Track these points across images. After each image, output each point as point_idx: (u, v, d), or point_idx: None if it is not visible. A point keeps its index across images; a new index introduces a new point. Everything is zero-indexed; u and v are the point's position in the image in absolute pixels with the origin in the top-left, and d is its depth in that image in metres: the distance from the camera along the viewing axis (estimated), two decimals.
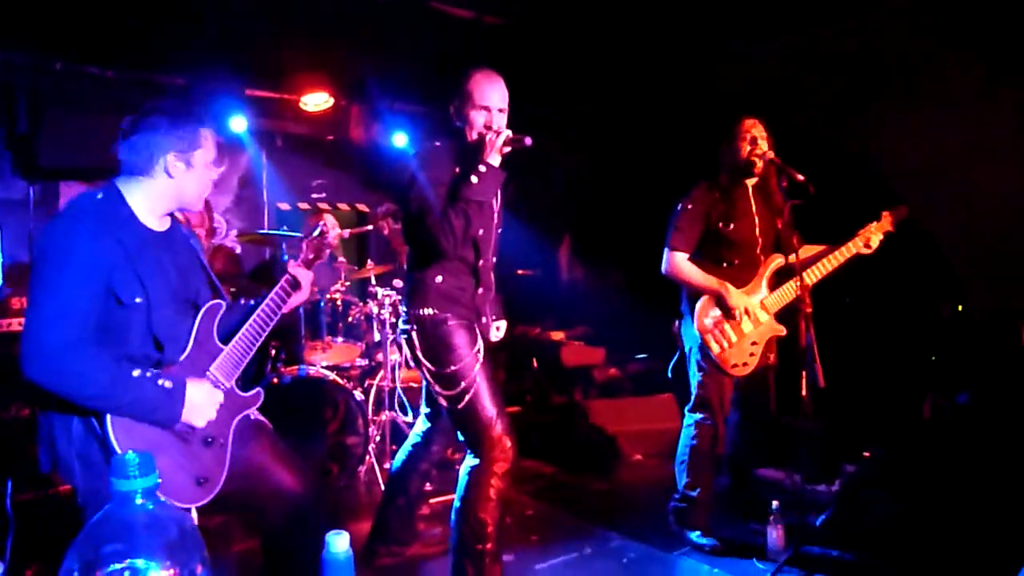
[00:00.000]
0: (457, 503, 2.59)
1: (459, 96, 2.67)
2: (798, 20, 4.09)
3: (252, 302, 2.25)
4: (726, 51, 4.56)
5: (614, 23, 4.31)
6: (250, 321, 2.13)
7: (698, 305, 3.16)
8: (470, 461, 2.60)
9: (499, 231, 2.80)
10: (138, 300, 1.86)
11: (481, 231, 2.62)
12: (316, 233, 2.42)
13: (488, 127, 2.61)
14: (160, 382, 1.84)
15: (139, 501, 0.94)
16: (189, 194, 2.01)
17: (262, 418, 2.26)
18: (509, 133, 2.55)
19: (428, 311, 2.61)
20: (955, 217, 3.93)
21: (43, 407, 1.88)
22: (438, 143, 2.71)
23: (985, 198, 3.68)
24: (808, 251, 3.33)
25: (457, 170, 2.60)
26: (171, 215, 2.09)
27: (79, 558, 0.89)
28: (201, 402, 1.92)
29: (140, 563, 0.91)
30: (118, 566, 0.90)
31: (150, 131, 1.90)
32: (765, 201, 3.24)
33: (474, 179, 2.49)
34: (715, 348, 3.13)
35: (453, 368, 2.56)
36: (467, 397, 2.55)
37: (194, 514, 1.90)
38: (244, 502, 2.16)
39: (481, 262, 2.68)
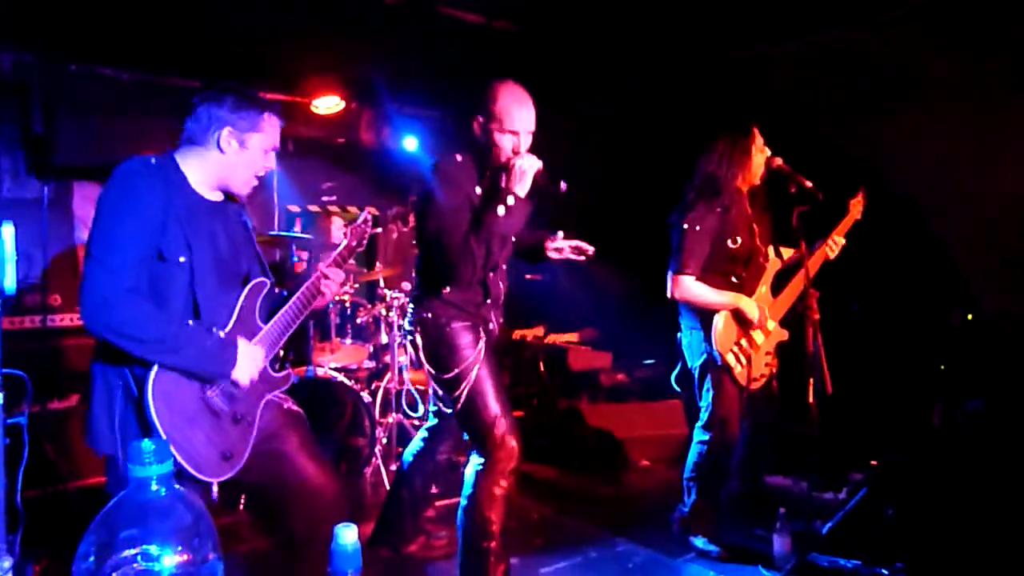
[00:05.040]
0: (463, 502, 2.61)
1: (484, 112, 2.50)
2: (805, 24, 4.09)
3: (285, 292, 2.29)
4: (732, 55, 4.57)
5: (623, 27, 4.32)
6: (286, 306, 2.18)
7: (718, 323, 3.03)
8: (476, 461, 2.62)
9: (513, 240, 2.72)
10: (182, 259, 1.90)
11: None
12: (360, 220, 2.43)
13: (516, 152, 2.48)
14: (215, 330, 1.89)
15: (154, 487, 0.95)
16: (237, 175, 2.05)
17: (298, 409, 2.28)
18: (539, 165, 2.42)
19: (431, 315, 2.63)
20: (965, 223, 3.90)
21: (92, 377, 1.92)
22: (459, 157, 2.57)
23: (996, 203, 3.65)
24: (784, 253, 3.34)
25: (479, 191, 2.53)
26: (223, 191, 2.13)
27: (95, 542, 0.91)
28: (250, 360, 1.98)
29: (154, 548, 0.92)
30: (132, 551, 0.91)
31: (215, 105, 1.99)
32: (756, 204, 3.20)
33: (501, 211, 2.39)
34: (737, 366, 3.07)
35: (456, 370, 2.57)
36: (471, 398, 2.57)
37: (215, 488, 1.92)
38: (269, 492, 2.17)
39: (491, 275, 2.64)
